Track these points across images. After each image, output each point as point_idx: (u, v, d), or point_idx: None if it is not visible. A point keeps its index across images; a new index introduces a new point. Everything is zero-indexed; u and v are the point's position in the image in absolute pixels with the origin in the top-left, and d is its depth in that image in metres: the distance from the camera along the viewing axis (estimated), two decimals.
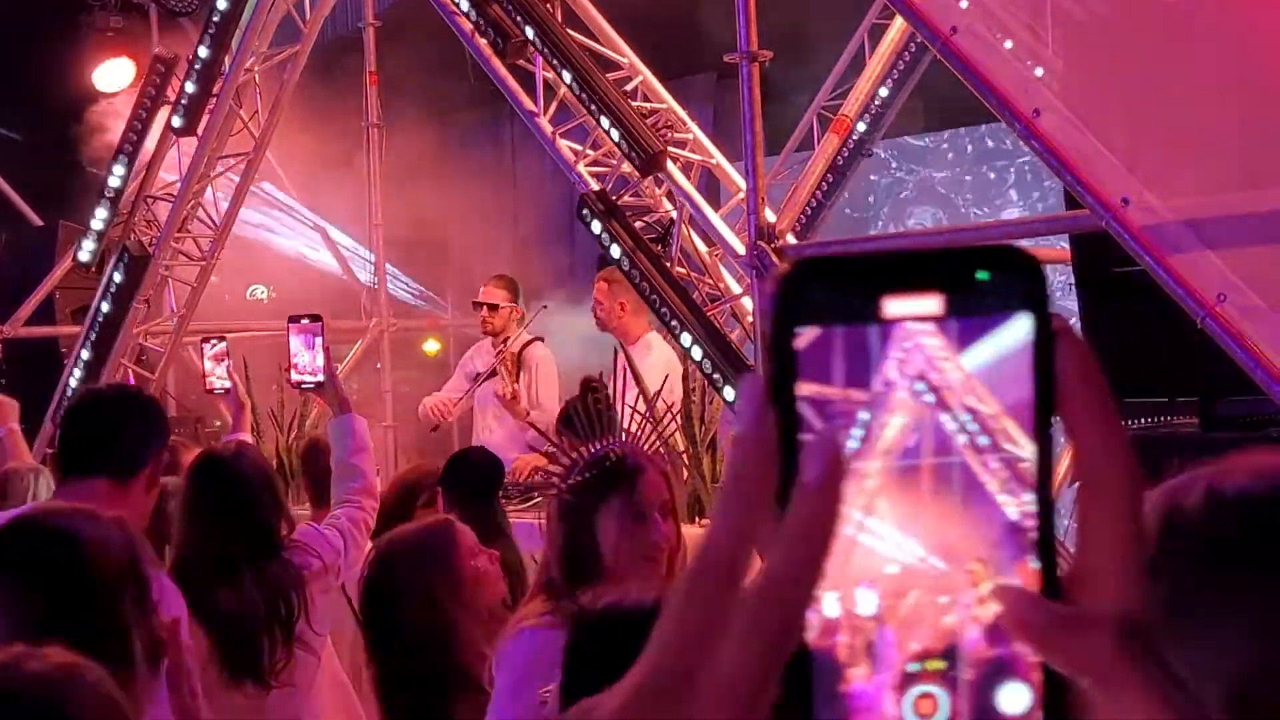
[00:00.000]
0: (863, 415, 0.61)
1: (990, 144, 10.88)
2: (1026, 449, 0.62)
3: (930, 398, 0.62)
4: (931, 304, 0.62)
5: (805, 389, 0.61)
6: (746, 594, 0.59)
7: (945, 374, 0.62)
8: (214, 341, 6.18)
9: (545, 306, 8.13)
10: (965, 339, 0.61)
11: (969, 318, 0.61)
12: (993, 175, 10.89)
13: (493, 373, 7.66)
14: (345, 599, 4.12)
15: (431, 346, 11.43)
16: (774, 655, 0.59)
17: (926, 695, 0.61)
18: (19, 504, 4.27)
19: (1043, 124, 4.76)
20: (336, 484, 4.36)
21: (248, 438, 5.26)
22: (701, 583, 0.61)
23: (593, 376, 6.33)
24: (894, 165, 11.37)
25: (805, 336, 0.61)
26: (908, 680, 0.61)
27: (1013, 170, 10.73)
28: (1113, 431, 0.63)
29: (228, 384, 5.99)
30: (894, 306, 0.61)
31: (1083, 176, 4.70)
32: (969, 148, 11.08)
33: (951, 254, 0.62)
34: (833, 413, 0.61)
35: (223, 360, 6.21)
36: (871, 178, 10.96)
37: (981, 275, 0.62)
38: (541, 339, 7.81)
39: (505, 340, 7.68)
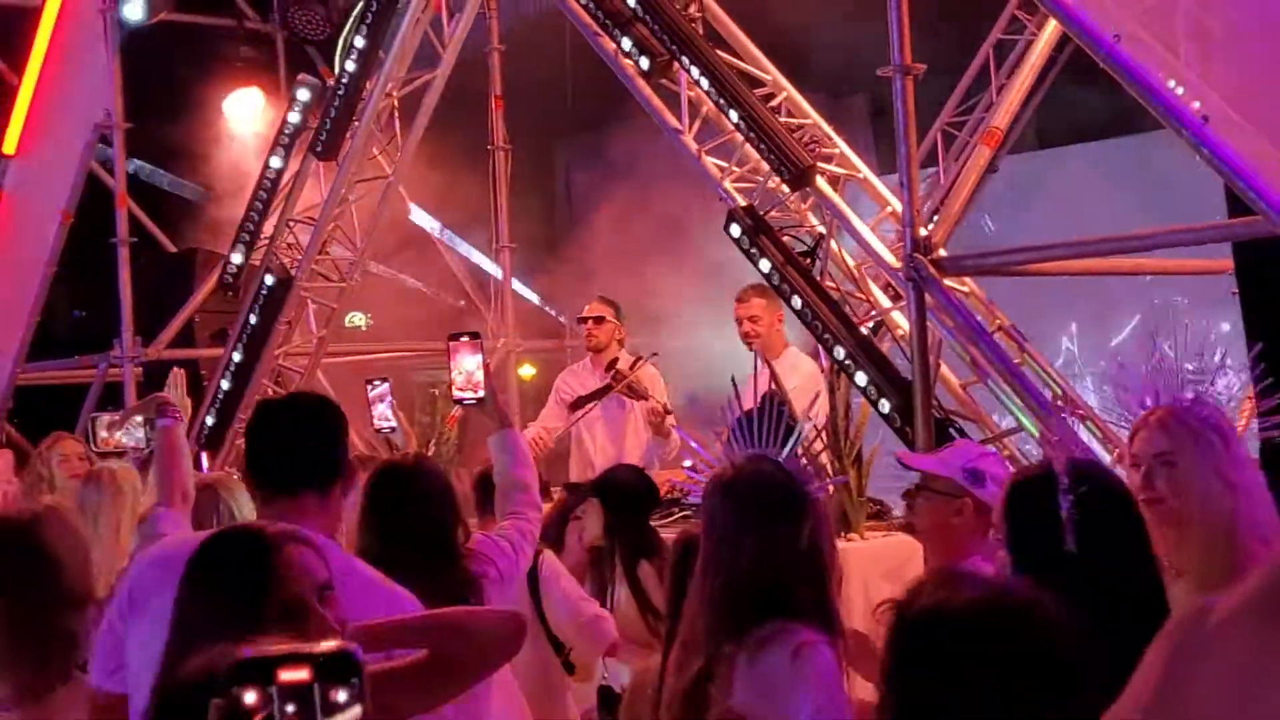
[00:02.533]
0: None
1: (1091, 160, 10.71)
2: None
3: None
4: None
5: None
6: None
7: None
8: (376, 383, 6.44)
9: (656, 355, 8.04)
10: None
11: None
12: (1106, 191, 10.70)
13: (602, 392, 7.69)
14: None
15: (527, 371, 11.41)
16: None
17: None
18: (206, 520, 4.29)
19: (1212, 130, 4.70)
20: (502, 497, 4.41)
21: None
22: None
23: (771, 389, 6.35)
24: (1017, 179, 11.23)
25: None
26: None
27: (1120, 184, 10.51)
28: None
29: (393, 423, 6.28)
30: None
31: (1255, 182, 4.62)
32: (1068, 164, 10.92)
33: None
34: None
35: (385, 400, 6.44)
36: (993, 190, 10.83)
37: None
38: (642, 357, 7.84)
39: (614, 361, 7.73)
